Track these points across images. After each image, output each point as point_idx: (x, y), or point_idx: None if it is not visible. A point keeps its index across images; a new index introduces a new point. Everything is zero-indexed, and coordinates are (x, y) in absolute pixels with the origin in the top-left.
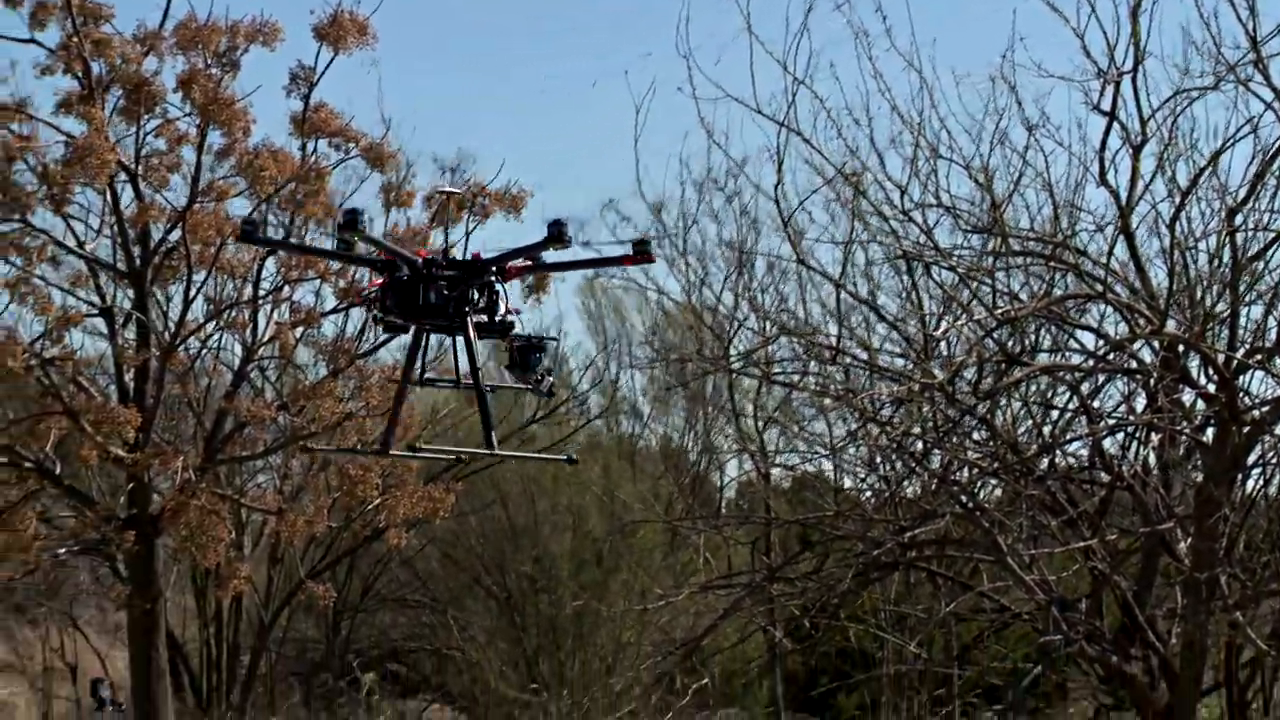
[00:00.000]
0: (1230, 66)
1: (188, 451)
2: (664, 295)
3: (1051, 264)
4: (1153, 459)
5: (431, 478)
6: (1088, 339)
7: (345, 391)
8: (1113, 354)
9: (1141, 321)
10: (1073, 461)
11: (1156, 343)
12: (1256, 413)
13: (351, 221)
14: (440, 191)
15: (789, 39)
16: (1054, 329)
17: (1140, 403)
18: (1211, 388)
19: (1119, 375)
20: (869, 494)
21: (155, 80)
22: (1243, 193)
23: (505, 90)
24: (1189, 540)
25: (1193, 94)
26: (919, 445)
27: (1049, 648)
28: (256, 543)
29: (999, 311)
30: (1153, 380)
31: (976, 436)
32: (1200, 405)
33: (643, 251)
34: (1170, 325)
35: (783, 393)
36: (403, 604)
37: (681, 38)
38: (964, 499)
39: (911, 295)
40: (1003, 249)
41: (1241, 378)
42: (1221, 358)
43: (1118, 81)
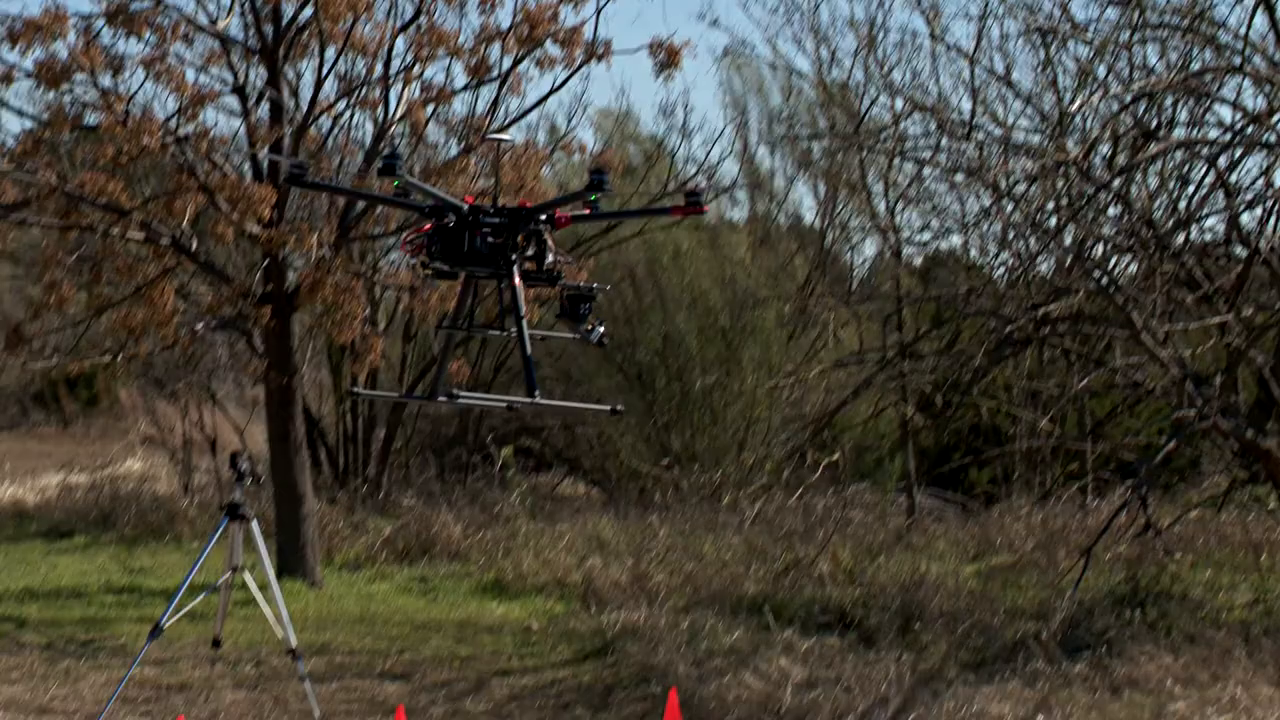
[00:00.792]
0: None
1: (321, 229)
2: (796, 74)
3: (1189, 36)
4: None
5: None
6: (1225, 113)
7: (477, 169)
8: (1250, 127)
9: None
10: (1209, 237)
11: None
12: None
13: (389, 167)
14: (490, 137)
15: None
16: (1191, 103)
17: (1279, 177)
18: None
19: (1257, 149)
20: (1001, 271)
21: None
22: None
23: None
24: None
25: None
26: (1053, 221)
27: (1183, 423)
28: (391, 319)
29: (1135, 85)
30: None
31: (1111, 212)
32: None
33: (694, 202)
34: None
35: (915, 169)
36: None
37: None
38: (1098, 275)
39: (1046, 70)
40: (1139, 22)
41: None
42: None
43: None
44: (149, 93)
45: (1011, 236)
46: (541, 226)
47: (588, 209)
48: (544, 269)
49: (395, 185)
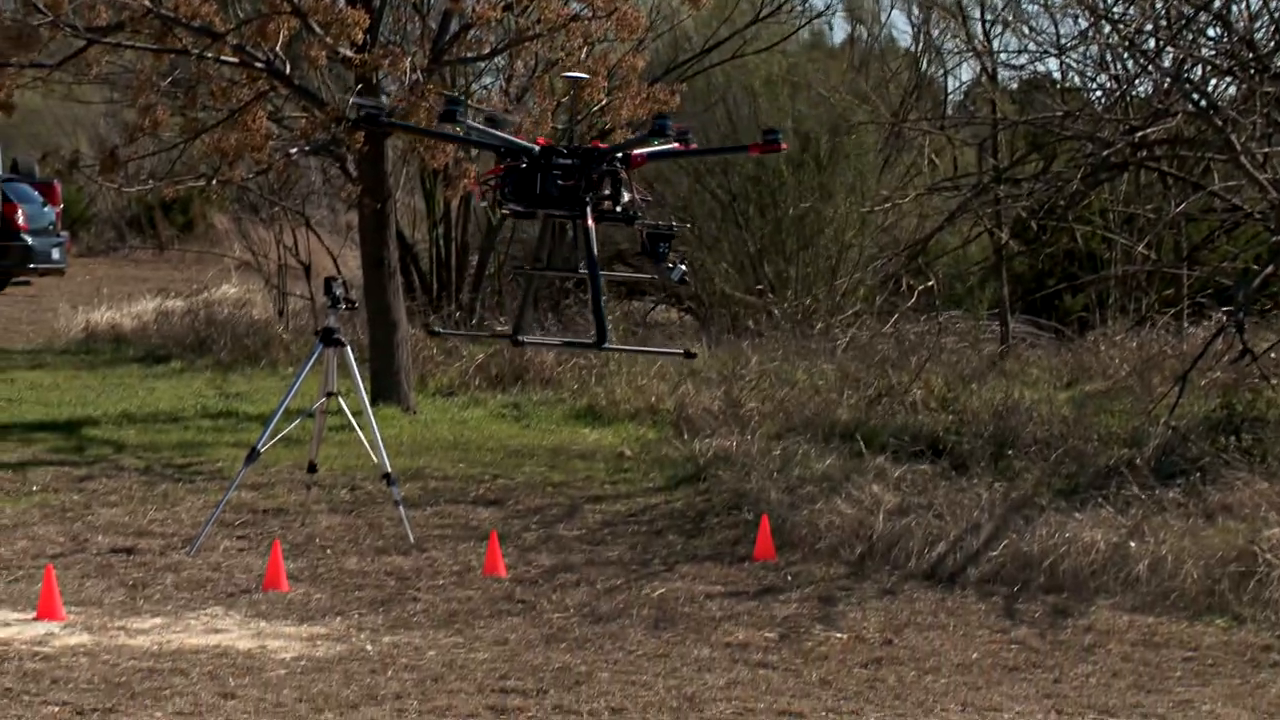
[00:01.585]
0: None
1: (414, 53)
2: None
3: None
4: None
5: (655, 79)
6: None
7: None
8: None
9: None
10: None
11: None
12: None
13: (450, 114)
14: (566, 76)
15: None
16: None
17: None
18: None
19: None
20: (1099, 94)
21: None
22: None
23: None
24: None
25: None
26: (1151, 43)
27: None
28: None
29: None
30: None
31: (1211, 33)
32: None
33: (771, 140)
34: None
35: None
36: None
37: None
38: (1197, 97)
39: None
40: None
41: None
42: None
43: None
44: None
45: (1109, 59)
46: (617, 165)
47: (680, 145)
48: (621, 208)
49: (458, 130)
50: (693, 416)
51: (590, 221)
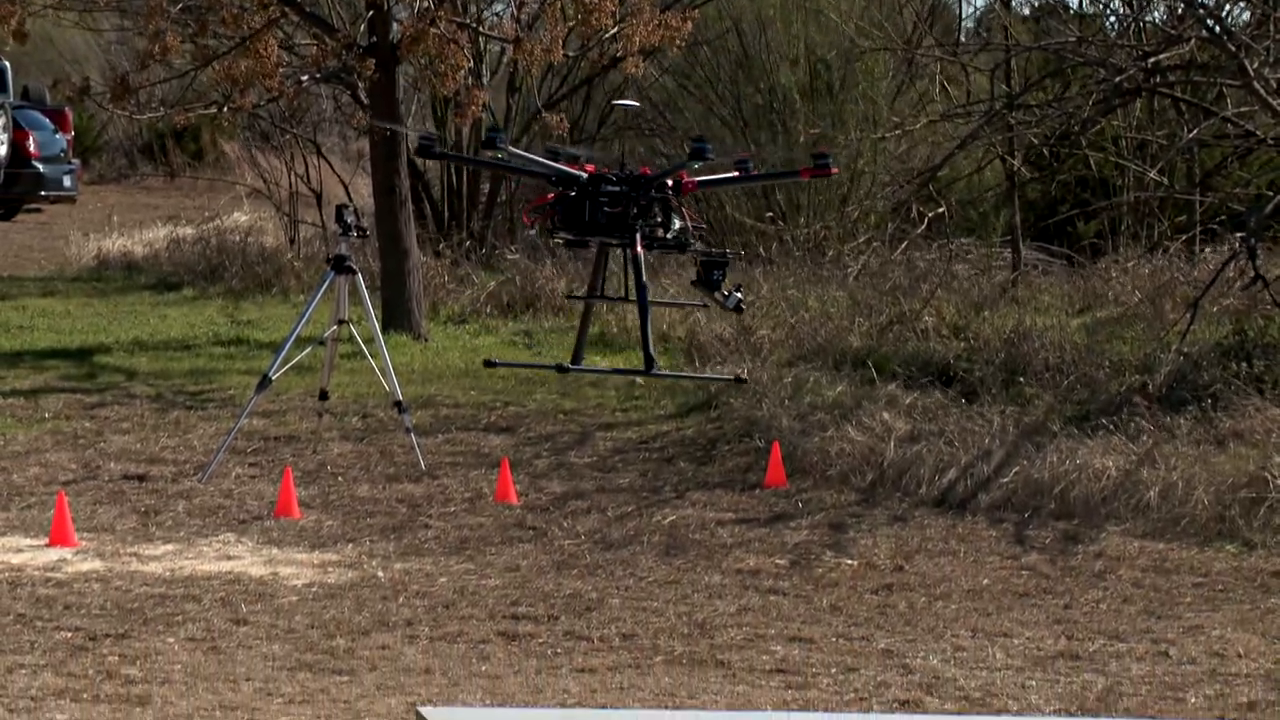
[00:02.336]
0: None
1: None
2: None
3: None
4: None
5: (667, 6)
6: None
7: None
8: None
9: None
10: None
11: None
12: None
13: (490, 141)
14: (617, 104)
15: None
16: None
17: None
18: None
19: None
20: (1112, 20)
21: None
22: None
23: None
24: None
25: None
26: None
27: None
28: (494, 71)
29: None
30: None
31: None
32: None
33: (822, 165)
34: None
35: None
36: (639, 134)
37: None
38: (1210, 23)
39: None
40: None
41: None
42: None
43: None
44: None
45: None
46: (667, 193)
47: (737, 170)
48: (672, 235)
49: (499, 157)
50: (704, 343)
51: (639, 249)
